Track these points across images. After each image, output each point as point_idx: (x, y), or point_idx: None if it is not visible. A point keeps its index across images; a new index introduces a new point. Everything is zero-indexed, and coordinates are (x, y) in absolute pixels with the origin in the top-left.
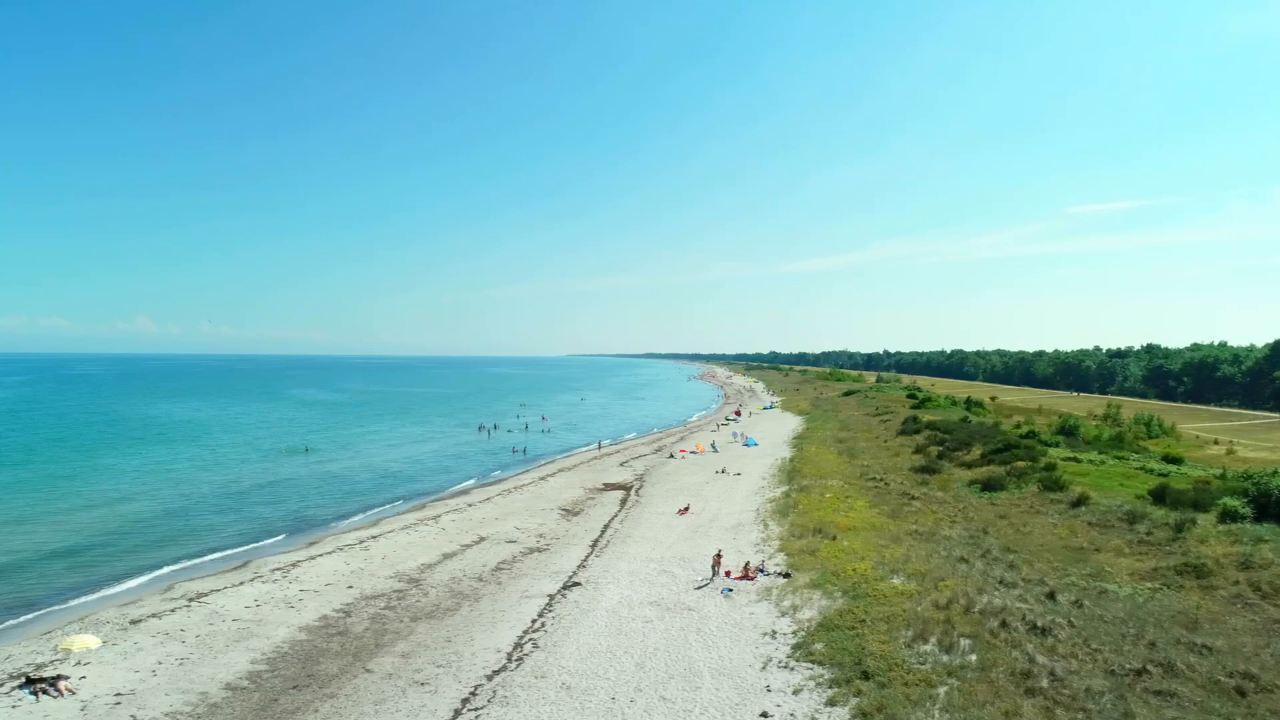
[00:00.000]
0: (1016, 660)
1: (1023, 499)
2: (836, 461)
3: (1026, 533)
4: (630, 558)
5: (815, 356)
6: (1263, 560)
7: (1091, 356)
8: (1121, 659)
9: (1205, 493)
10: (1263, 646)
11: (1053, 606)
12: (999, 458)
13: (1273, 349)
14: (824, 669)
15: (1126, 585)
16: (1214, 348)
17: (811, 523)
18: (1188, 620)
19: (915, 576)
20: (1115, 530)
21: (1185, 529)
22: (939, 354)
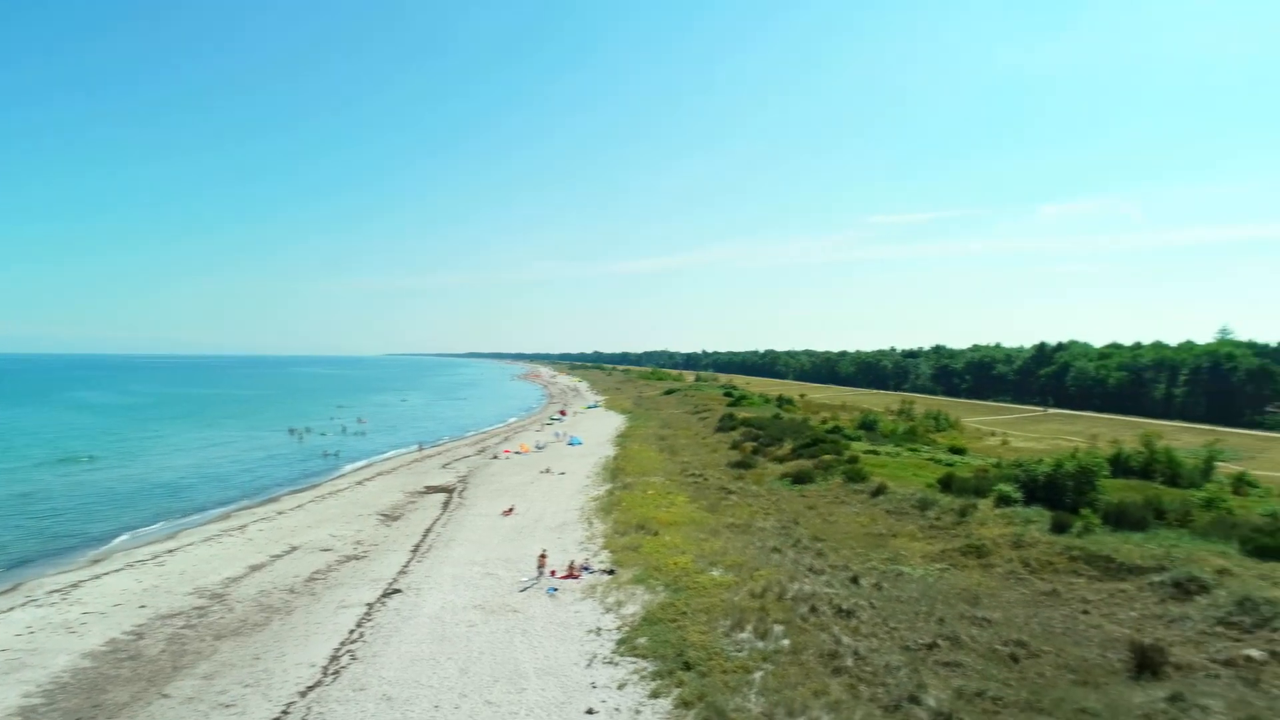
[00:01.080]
0: (825, 642)
1: (829, 490)
2: (658, 459)
3: (833, 522)
4: (453, 561)
5: (638, 356)
6: (1031, 539)
7: (888, 356)
8: (915, 635)
9: (984, 480)
10: (1031, 616)
11: (856, 590)
12: (808, 452)
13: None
14: (647, 662)
15: (919, 567)
16: (990, 349)
17: (634, 519)
18: (970, 596)
19: (733, 568)
20: (909, 517)
21: (968, 514)
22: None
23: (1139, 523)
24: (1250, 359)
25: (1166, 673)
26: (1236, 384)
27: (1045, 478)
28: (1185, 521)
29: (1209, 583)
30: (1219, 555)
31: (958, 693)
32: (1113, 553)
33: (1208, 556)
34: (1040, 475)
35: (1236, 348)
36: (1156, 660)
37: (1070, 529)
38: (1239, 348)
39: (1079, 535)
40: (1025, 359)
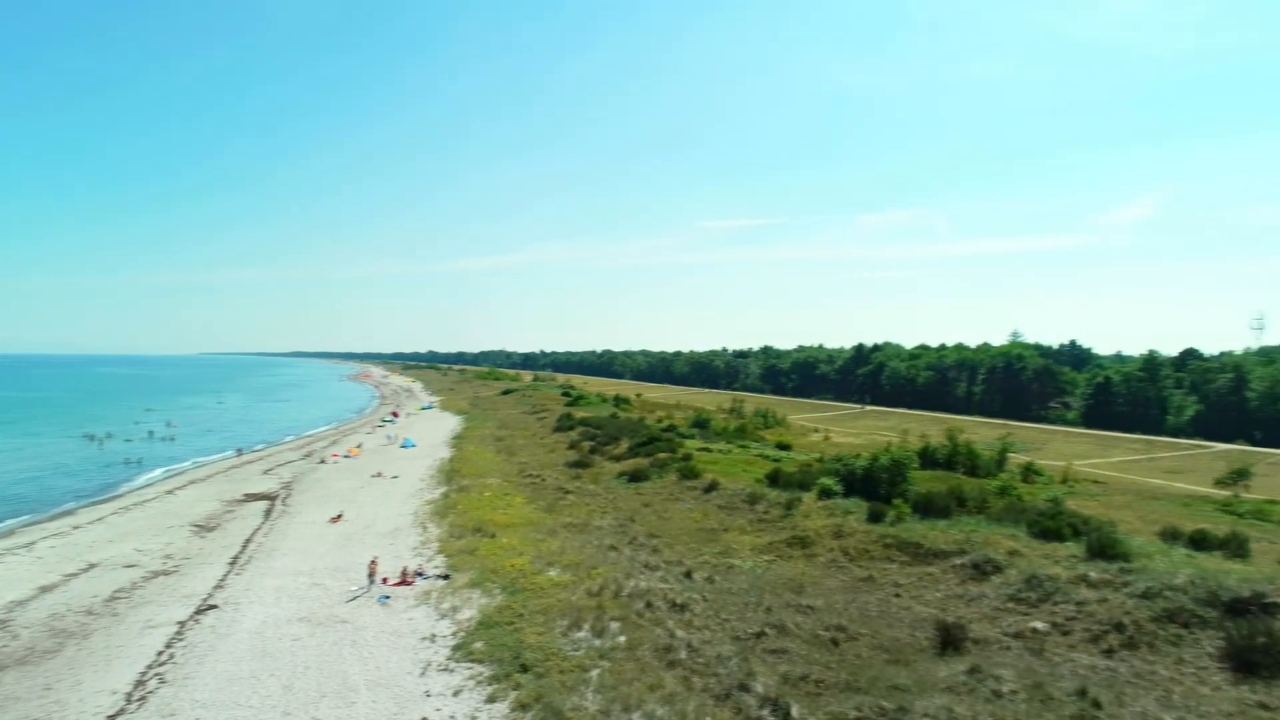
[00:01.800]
0: (660, 637)
1: (664, 487)
2: (495, 460)
3: (668, 519)
4: (277, 573)
5: (474, 356)
6: (850, 529)
7: (720, 357)
8: (745, 625)
9: (808, 474)
10: (850, 602)
11: (690, 584)
12: (643, 451)
13: (856, 351)
14: (484, 667)
15: (749, 559)
16: (814, 350)
17: (471, 522)
18: (796, 585)
19: (570, 567)
20: (740, 511)
21: (793, 507)
22: (591, 354)
23: (944, 511)
24: (1037, 360)
25: (967, 647)
26: (1025, 382)
27: (863, 471)
28: (982, 508)
29: (1002, 563)
30: (1010, 538)
31: (784, 678)
32: (921, 539)
33: (1001, 540)
34: (858, 469)
35: (1025, 349)
36: (958, 636)
37: (885, 518)
38: (1027, 349)
39: (892, 524)
40: (845, 359)
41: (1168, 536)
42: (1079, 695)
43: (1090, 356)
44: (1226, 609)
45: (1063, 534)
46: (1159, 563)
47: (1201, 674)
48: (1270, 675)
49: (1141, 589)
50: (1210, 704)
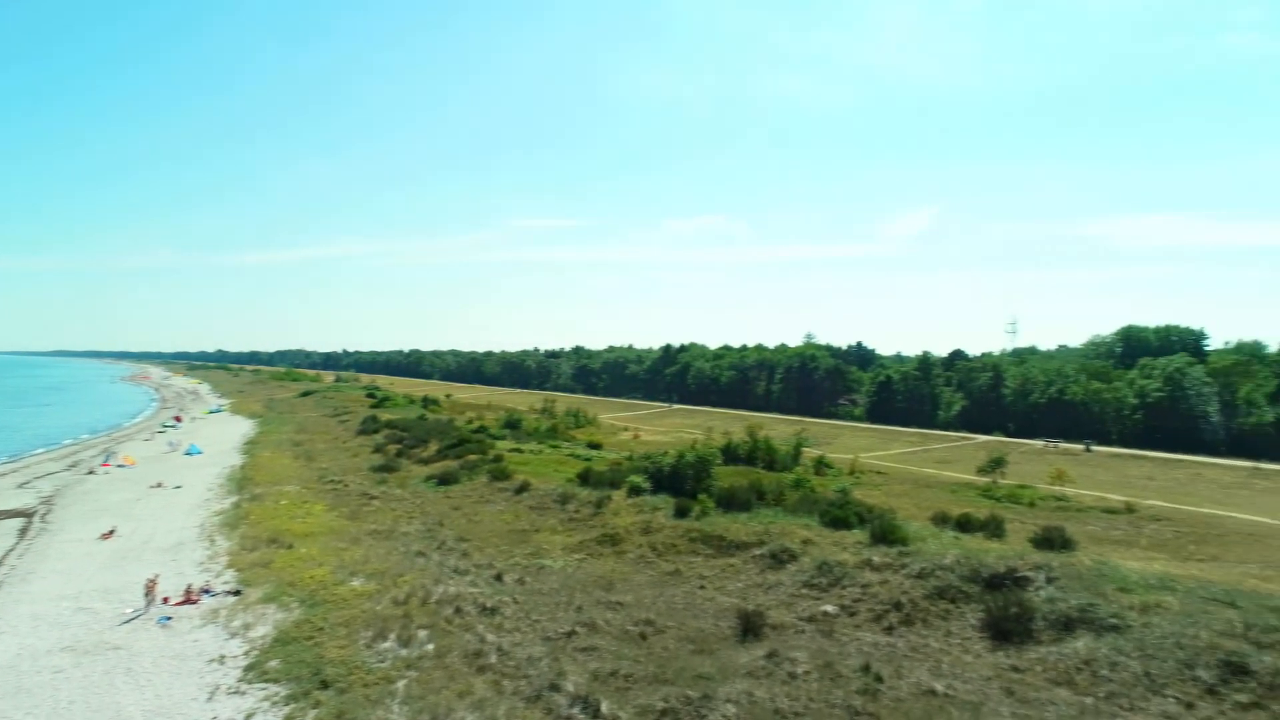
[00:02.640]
0: (469, 642)
1: (474, 490)
2: (293, 466)
3: (478, 521)
4: (34, 598)
5: (269, 355)
6: (658, 525)
7: (532, 357)
8: (556, 625)
9: (618, 473)
10: (658, 596)
11: (500, 587)
12: (453, 452)
13: (664, 352)
14: (280, 686)
15: (560, 559)
16: (624, 350)
17: (265, 533)
18: (605, 583)
19: (375, 576)
20: (551, 511)
21: (603, 505)
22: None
23: (745, 504)
24: (828, 360)
25: (766, 633)
26: (818, 381)
27: (670, 468)
28: (780, 500)
29: (797, 552)
30: (805, 528)
31: (594, 675)
32: (724, 532)
33: (797, 530)
34: (666, 466)
35: (818, 350)
36: (758, 623)
37: (690, 513)
38: (820, 350)
39: (697, 518)
40: (654, 360)
41: (939, 521)
42: (864, 671)
43: (874, 357)
44: (986, 584)
45: (850, 522)
46: (931, 545)
47: (966, 643)
48: (1021, 641)
49: (917, 570)
50: (973, 670)
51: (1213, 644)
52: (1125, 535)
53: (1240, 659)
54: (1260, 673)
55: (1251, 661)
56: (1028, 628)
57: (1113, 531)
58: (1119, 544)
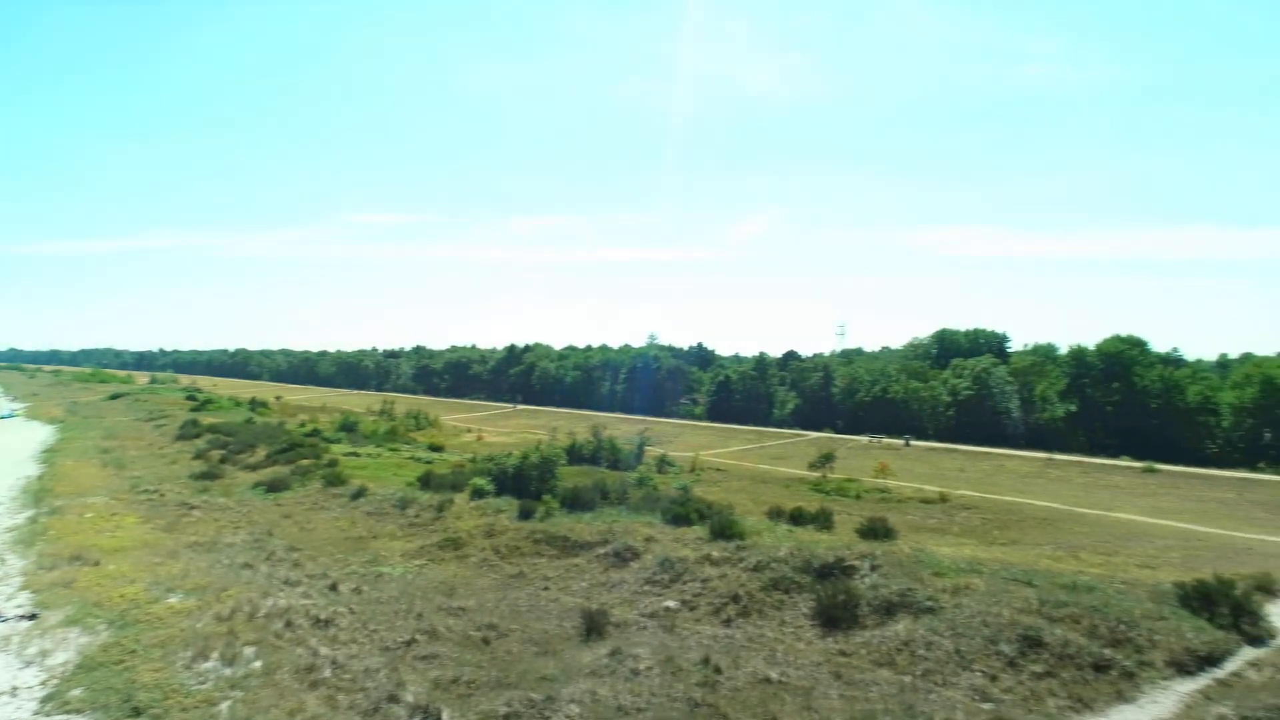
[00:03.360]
0: (301, 657)
1: (307, 496)
2: (101, 475)
3: (311, 530)
4: None
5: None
6: (502, 527)
7: (370, 356)
8: (395, 634)
9: (461, 475)
10: (501, 599)
11: (336, 598)
12: (284, 457)
13: (508, 351)
14: (84, 717)
15: (399, 566)
16: (467, 350)
17: (67, 549)
18: (447, 588)
19: (195, 591)
20: (390, 517)
21: (445, 508)
22: (223, 353)
23: (589, 503)
24: (670, 360)
25: (609, 631)
26: (661, 380)
27: (514, 469)
28: (623, 499)
29: (640, 550)
30: (647, 526)
31: (435, 683)
32: (568, 532)
33: (639, 528)
34: (510, 467)
35: (661, 351)
36: (601, 622)
37: (535, 514)
38: (662, 351)
39: (542, 519)
40: (498, 359)
41: (774, 515)
42: (703, 664)
43: (714, 357)
44: (817, 574)
45: (691, 519)
46: (767, 539)
47: (799, 632)
48: (848, 627)
49: (753, 563)
50: (805, 657)
51: (1013, 620)
52: (940, 523)
53: (1036, 633)
54: (1052, 644)
55: (1045, 634)
56: (854, 614)
57: (929, 520)
58: (934, 531)
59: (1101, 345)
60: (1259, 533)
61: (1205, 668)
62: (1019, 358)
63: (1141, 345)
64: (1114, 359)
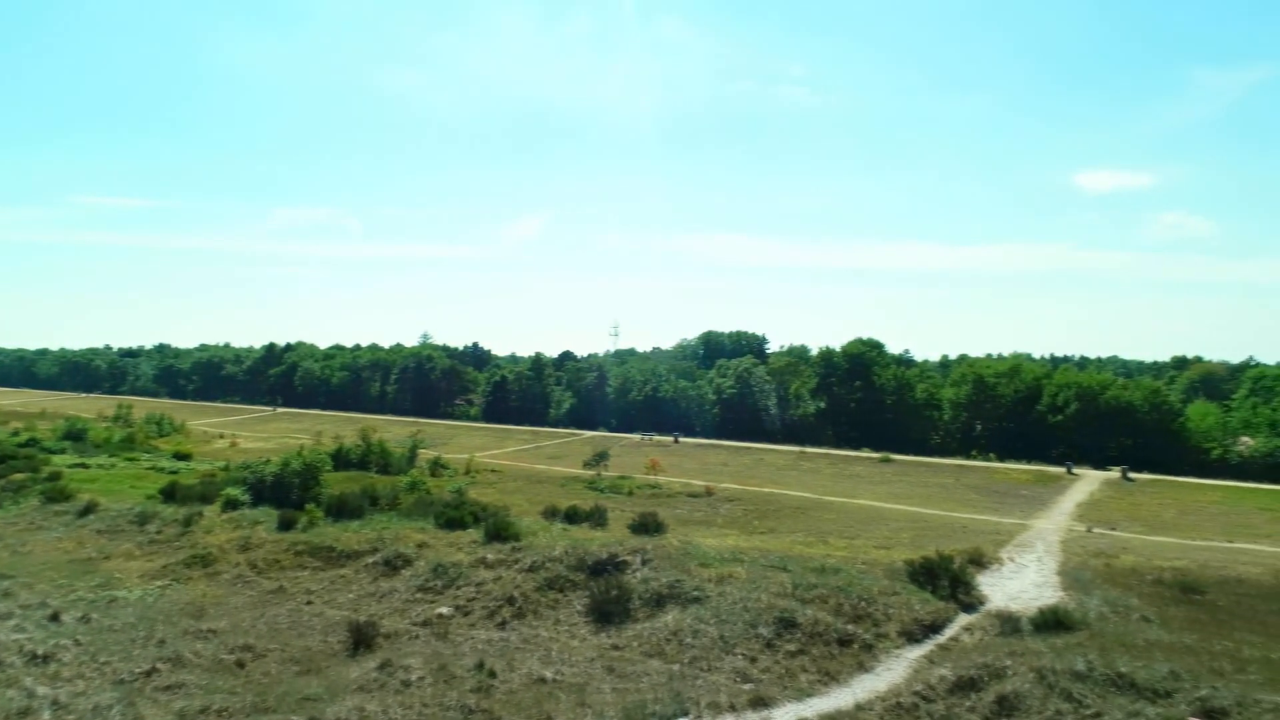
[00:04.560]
0: (14, 700)
1: (22, 516)
2: None
3: (26, 553)
4: None
5: None
6: (259, 540)
7: (102, 355)
8: (132, 664)
9: (211, 485)
10: (259, 618)
11: (57, 629)
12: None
13: (267, 351)
14: None
15: (137, 588)
16: (220, 349)
17: None
18: (195, 610)
19: None
20: (126, 534)
21: (193, 522)
22: None
23: (357, 511)
24: (444, 360)
25: (379, 643)
26: (435, 381)
27: (273, 477)
28: (395, 505)
29: (412, 556)
30: (420, 531)
31: (180, 716)
32: (334, 542)
33: (411, 534)
34: (268, 475)
35: (435, 350)
36: (370, 634)
37: (296, 525)
38: (436, 351)
39: (305, 530)
40: (256, 359)
41: (549, 514)
42: (478, 668)
43: (490, 357)
44: (591, 571)
45: (465, 522)
46: (542, 538)
47: (573, 629)
48: (621, 621)
49: (529, 563)
50: (579, 654)
51: (770, 604)
52: (705, 515)
53: (790, 614)
54: (804, 624)
55: (798, 615)
56: (626, 608)
57: (696, 513)
58: (701, 524)
59: (846, 347)
60: (972, 512)
61: (930, 635)
62: (776, 358)
63: (879, 347)
64: (856, 360)
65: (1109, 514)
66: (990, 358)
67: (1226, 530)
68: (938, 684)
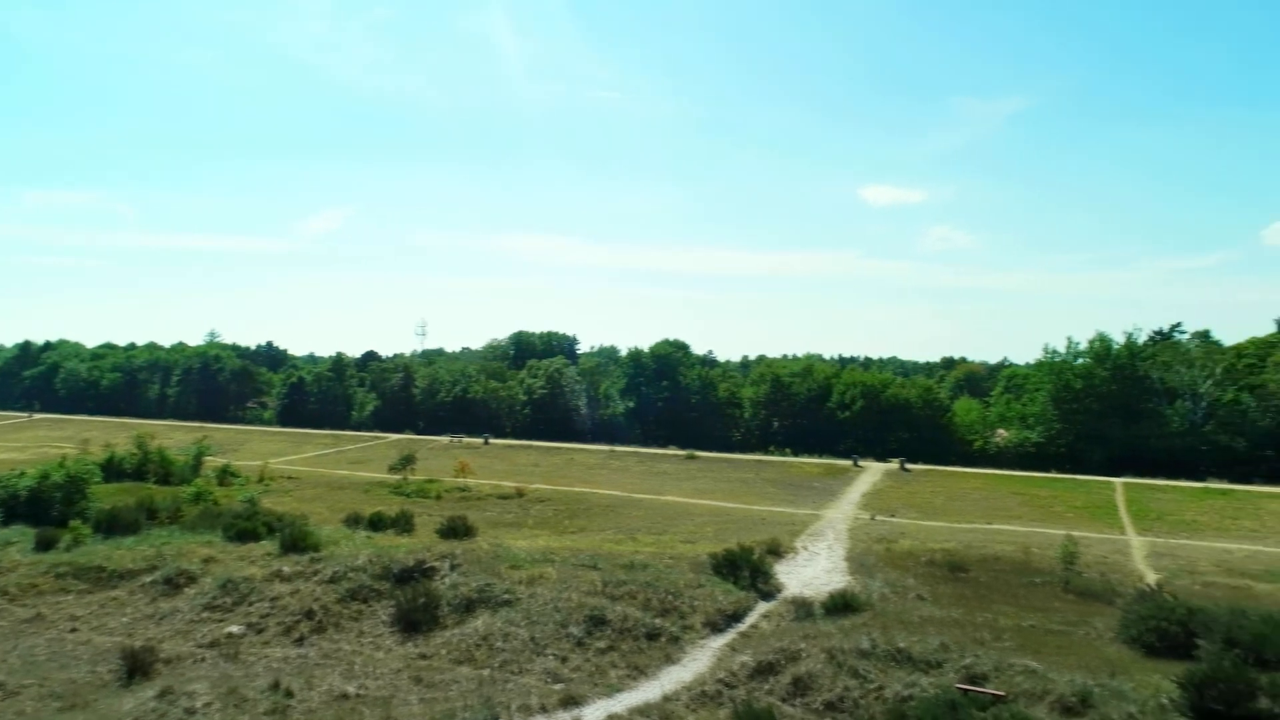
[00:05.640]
0: None
1: None
2: None
3: None
4: None
5: None
6: (11, 563)
7: None
8: None
9: None
10: (11, 650)
11: None
12: None
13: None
14: None
15: None
16: None
17: None
18: None
19: None
20: None
21: None
22: None
23: (132, 526)
24: (234, 360)
25: (158, 670)
26: (223, 383)
27: (29, 492)
28: (177, 518)
29: (196, 573)
30: (206, 545)
31: None
32: (104, 561)
33: (196, 548)
34: (23, 490)
35: (223, 350)
36: (147, 660)
37: (58, 544)
38: (225, 350)
39: (68, 549)
40: (7, 359)
41: (351, 522)
42: (272, 689)
43: (286, 357)
44: (397, 579)
45: (259, 533)
46: (344, 547)
47: (378, 640)
48: (428, 629)
49: (329, 574)
50: (384, 665)
51: (581, 603)
52: (516, 517)
53: (600, 612)
54: (613, 621)
55: (608, 612)
56: (435, 615)
57: (506, 515)
58: (511, 525)
59: (654, 348)
60: (770, 505)
61: (732, 624)
62: (587, 359)
63: (685, 349)
64: (664, 360)
65: (889, 502)
66: (786, 358)
67: (986, 514)
68: (739, 670)
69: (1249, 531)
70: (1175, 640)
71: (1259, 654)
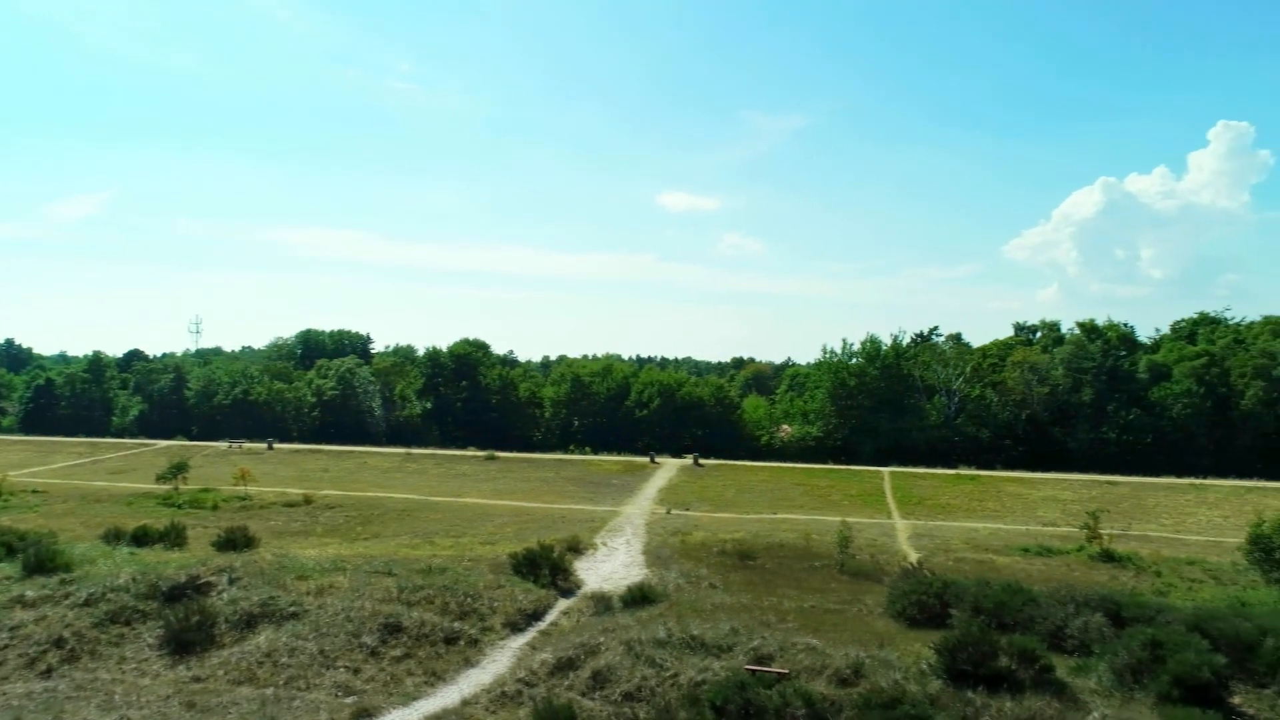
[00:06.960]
0: None
1: None
2: None
3: None
4: None
5: None
6: None
7: None
8: None
9: None
10: None
11: None
12: None
13: None
14: None
15: None
16: None
17: None
18: None
19: None
20: None
21: None
22: None
23: None
24: None
25: None
26: None
27: None
28: None
29: None
30: None
31: None
32: None
33: None
34: None
35: None
36: None
37: None
38: None
39: None
40: None
41: (111, 538)
42: None
43: (31, 357)
44: (166, 597)
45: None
46: (102, 566)
47: (143, 666)
48: (203, 649)
49: (84, 597)
50: (151, 692)
51: (375, 611)
52: (304, 525)
53: (396, 619)
54: (410, 627)
55: (404, 619)
56: (210, 634)
57: (293, 524)
58: (299, 534)
59: (453, 348)
60: (571, 503)
61: (533, 623)
62: (381, 359)
63: (485, 348)
64: (463, 360)
65: (684, 496)
66: (586, 359)
67: (772, 504)
68: (539, 668)
69: (991, 512)
70: (933, 611)
71: (1000, 619)
